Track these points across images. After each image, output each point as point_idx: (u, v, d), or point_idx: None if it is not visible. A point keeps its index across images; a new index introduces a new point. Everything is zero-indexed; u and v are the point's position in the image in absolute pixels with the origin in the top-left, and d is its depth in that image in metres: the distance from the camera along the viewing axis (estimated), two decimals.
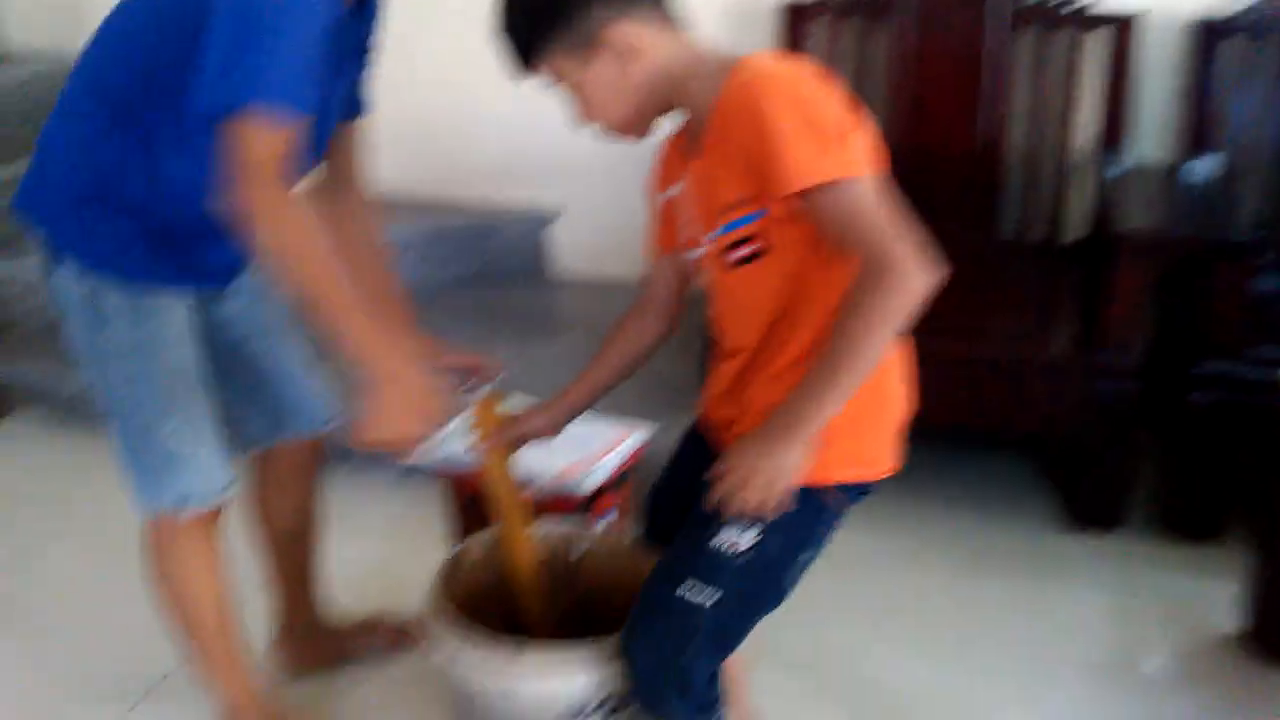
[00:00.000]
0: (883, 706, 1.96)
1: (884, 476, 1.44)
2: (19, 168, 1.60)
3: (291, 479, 1.88)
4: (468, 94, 3.31)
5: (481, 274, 3.36)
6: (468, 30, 3.21)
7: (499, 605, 1.69)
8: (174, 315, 1.58)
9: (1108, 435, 2.34)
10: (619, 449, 2.06)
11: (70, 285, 1.54)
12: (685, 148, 1.41)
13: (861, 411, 1.34)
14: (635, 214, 3.17)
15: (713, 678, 1.45)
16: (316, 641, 2.03)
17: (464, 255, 3.34)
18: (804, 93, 1.25)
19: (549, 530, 1.76)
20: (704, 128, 1.34)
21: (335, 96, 1.59)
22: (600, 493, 2.01)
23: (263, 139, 1.31)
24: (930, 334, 2.39)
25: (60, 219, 1.54)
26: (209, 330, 1.71)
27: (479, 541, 1.73)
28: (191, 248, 1.58)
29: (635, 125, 1.39)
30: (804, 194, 1.23)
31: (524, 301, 3.24)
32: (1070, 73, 2.75)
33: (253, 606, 1.97)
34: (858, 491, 1.42)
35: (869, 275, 1.22)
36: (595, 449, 2.05)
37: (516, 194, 3.41)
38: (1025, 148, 2.82)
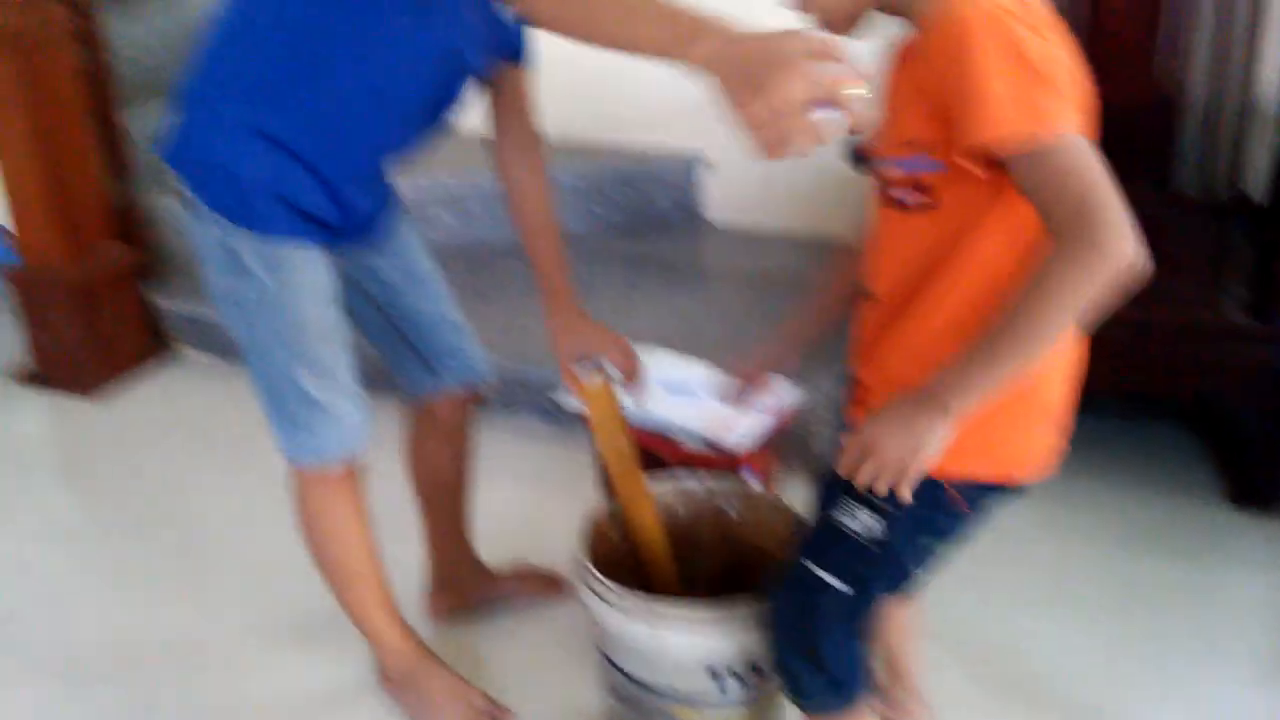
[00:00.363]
0: (1021, 684, 1.92)
1: (1027, 482, 1.34)
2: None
3: (447, 430, 1.92)
4: None
5: (634, 220, 3.36)
6: None
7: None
8: (310, 268, 1.58)
9: (1276, 407, 2.23)
10: (770, 409, 2.05)
11: (208, 233, 1.56)
12: (896, 60, 1.32)
13: (1004, 399, 1.20)
14: (785, 167, 3.16)
15: (849, 655, 1.43)
16: (467, 587, 2.09)
17: (617, 201, 3.35)
18: (1020, 44, 1.14)
19: (699, 484, 1.79)
20: (911, 46, 1.26)
21: (475, 25, 1.57)
22: (749, 450, 2.00)
23: None
24: None
25: (200, 167, 1.55)
26: (360, 283, 1.75)
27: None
28: (333, 202, 1.58)
29: (846, 21, 1.28)
30: (1003, 150, 1.13)
31: (674, 250, 3.24)
32: (1257, 10, 2.59)
33: (406, 551, 2.04)
34: (988, 490, 1.33)
35: (1065, 240, 1.10)
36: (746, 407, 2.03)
37: (669, 141, 3.39)
38: (1205, 94, 2.67)
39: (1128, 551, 2.24)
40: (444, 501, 2.00)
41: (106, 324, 2.91)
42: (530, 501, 2.45)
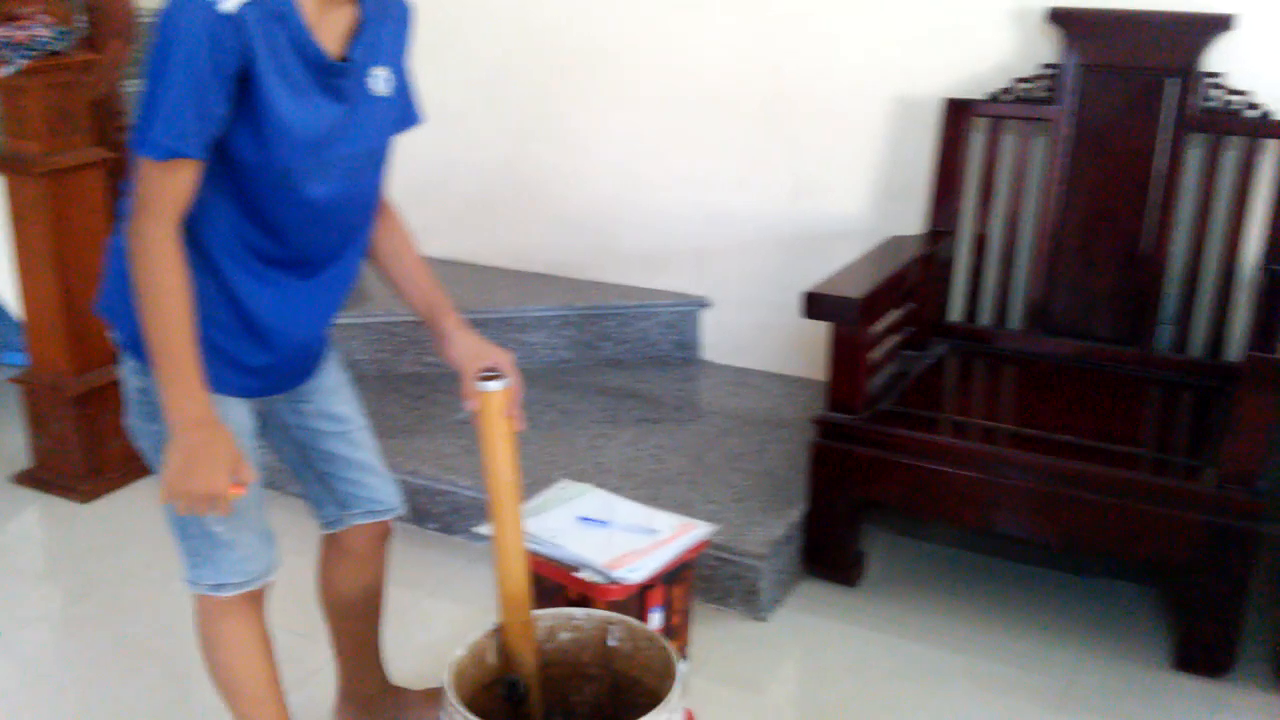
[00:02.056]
0: None
1: None
2: None
3: (358, 558, 1.96)
4: (628, 184, 3.42)
5: (629, 355, 3.41)
6: (636, 124, 3.35)
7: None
8: (225, 410, 1.63)
9: (1223, 574, 2.17)
10: (675, 544, 2.05)
11: (131, 378, 1.67)
12: None
13: None
14: (780, 312, 3.19)
15: None
16: (376, 706, 2.09)
17: (614, 336, 3.41)
18: None
19: (587, 613, 1.79)
20: None
21: (361, 121, 1.62)
22: (652, 585, 2.01)
23: (149, 181, 1.47)
24: (1059, 448, 2.27)
25: (122, 314, 1.64)
26: (280, 418, 1.81)
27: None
28: (250, 357, 1.65)
29: None
30: None
31: (662, 386, 3.27)
32: (1242, 183, 2.60)
33: (323, 671, 2.07)
34: None
35: None
36: (651, 541, 2.05)
37: (670, 283, 3.47)
38: (1187, 260, 2.67)
39: (1061, 707, 2.18)
40: (352, 626, 2.03)
41: (103, 433, 3.03)
42: (466, 621, 2.45)
